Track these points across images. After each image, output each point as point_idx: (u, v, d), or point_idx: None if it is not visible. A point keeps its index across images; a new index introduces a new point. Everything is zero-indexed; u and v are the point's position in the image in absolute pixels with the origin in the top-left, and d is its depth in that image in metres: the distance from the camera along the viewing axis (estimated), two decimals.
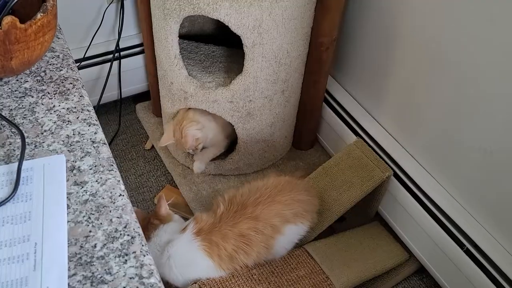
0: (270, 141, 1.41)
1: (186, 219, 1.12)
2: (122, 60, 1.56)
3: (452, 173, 1.17)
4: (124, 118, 1.71)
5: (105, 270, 0.56)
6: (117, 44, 1.50)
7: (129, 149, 1.61)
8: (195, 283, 1.02)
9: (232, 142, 1.42)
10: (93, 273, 0.55)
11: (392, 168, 1.26)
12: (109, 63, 1.51)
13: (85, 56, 1.49)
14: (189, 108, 1.31)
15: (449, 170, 1.18)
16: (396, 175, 1.26)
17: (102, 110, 1.68)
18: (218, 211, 1.05)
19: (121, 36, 1.51)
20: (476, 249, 1.10)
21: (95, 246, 0.58)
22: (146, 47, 1.47)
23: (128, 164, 1.56)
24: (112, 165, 0.68)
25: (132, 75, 1.62)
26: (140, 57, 1.59)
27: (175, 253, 1.00)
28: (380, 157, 1.28)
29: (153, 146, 1.60)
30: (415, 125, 1.23)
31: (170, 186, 1.48)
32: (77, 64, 1.50)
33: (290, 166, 1.51)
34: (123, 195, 0.65)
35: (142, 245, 0.59)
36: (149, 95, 1.63)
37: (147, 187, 1.49)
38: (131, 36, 1.57)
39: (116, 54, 1.53)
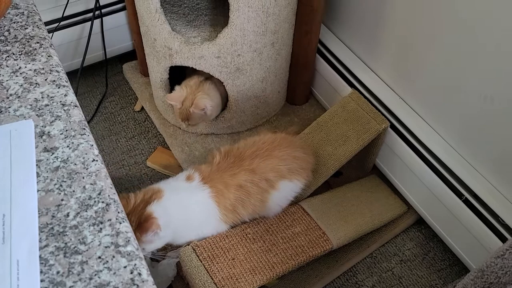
0: (262, 97, 1.36)
1: None
2: (104, 18, 1.48)
3: (450, 122, 1.12)
4: (111, 79, 1.65)
5: (78, 240, 0.53)
6: (97, 0, 1.42)
7: (118, 111, 1.56)
8: (188, 245, 1.01)
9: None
10: (66, 243, 0.52)
11: (388, 120, 1.21)
12: (90, 22, 1.44)
13: (64, 15, 1.41)
14: (206, 79, 1.28)
15: (447, 119, 1.13)
16: (393, 127, 1.22)
17: (88, 72, 1.62)
18: (214, 161, 1.03)
19: None
20: (475, 198, 1.08)
21: (67, 215, 0.55)
22: (128, 3, 1.39)
23: (118, 127, 1.52)
24: (85, 128, 0.64)
25: (116, 33, 1.55)
26: (122, 14, 1.51)
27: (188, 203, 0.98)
28: (377, 108, 1.23)
29: (142, 108, 1.55)
30: (412, 73, 1.17)
31: (162, 148, 1.44)
32: (56, 24, 1.42)
33: (285, 122, 1.47)
34: (97, 160, 0.61)
35: (118, 212, 0.56)
36: (136, 54, 1.57)
37: (139, 150, 1.46)
38: None
39: (96, 12, 1.45)
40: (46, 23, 1.42)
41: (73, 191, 0.57)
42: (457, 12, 0.98)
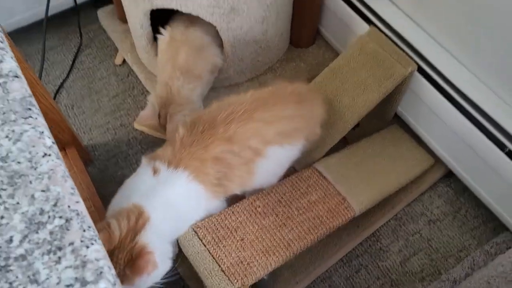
0: (263, 40, 1.15)
1: None
2: None
3: (489, 60, 0.94)
4: (86, 28, 1.42)
5: (28, 277, 0.37)
6: None
7: (97, 65, 1.36)
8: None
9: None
10: (10, 283, 0.36)
11: (415, 61, 1.02)
12: None
13: None
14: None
15: (485, 56, 0.94)
16: (420, 69, 1.03)
17: (58, 21, 1.39)
18: (177, 136, 0.83)
19: None
20: None
21: (10, 240, 0.38)
22: None
23: (98, 85, 1.32)
24: (30, 108, 0.46)
25: None
26: None
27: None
28: (400, 48, 1.04)
29: (124, 60, 1.35)
30: (441, 3, 0.97)
31: None
32: None
33: (290, 68, 1.27)
34: (50, 155, 0.43)
35: (84, 230, 0.40)
36: None
37: (125, 110, 1.28)
38: None
39: None
40: None
41: (17, 203, 0.40)
42: None
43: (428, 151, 1.14)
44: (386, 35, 1.06)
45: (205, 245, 0.83)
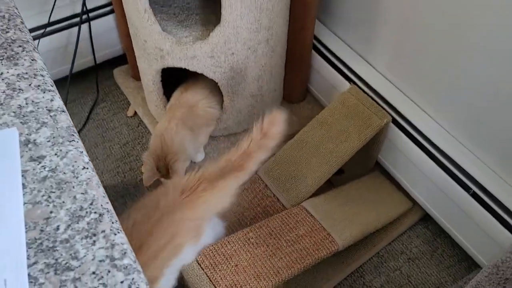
0: (258, 95, 1.32)
1: None
2: (91, 22, 1.44)
3: (454, 114, 1.09)
4: (103, 85, 1.60)
5: (70, 255, 0.48)
6: (84, 4, 1.37)
7: (111, 117, 1.52)
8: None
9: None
10: (56, 259, 0.48)
11: (390, 114, 1.17)
12: (77, 27, 1.39)
13: (50, 21, 1.37)
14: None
15: (450, 111, 1.09)
16: (394, 121, 1.18)
17: (78, 78, 1.57)
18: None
19: None
20: (483, 191, 1.04)
21: (57, 228, 0.50)
22: (115, 4, 1.35)
23: (111, 133, 1.47)
24: (73, 134, 0.60)
25: (105, 37, 1.50)
26: (111, 17, 1.47)
27: None
28: (377, 103, 1.20)
29: (135, 113, 1.51)
30: (412, 65, 1.14)
31: None
32: (43, 30, 1.38)
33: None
34: (88, 168, 0.56)
35: (112, 222, 0.52)
36: (126, 58, 1.52)
37: (134, 156, 1.41)
38: None
39: (84, 16, 1.40)
40: (32, 30, 1.37)
41: (63, 202, 0.53)
42: (455, 4, 0.95)
43: (407, 196, 1.26)
44: (364, 91, 1.22)
45: (203, 269, 0.93)
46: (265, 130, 0.94)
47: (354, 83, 1.26)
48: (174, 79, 1.31)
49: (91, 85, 1.59)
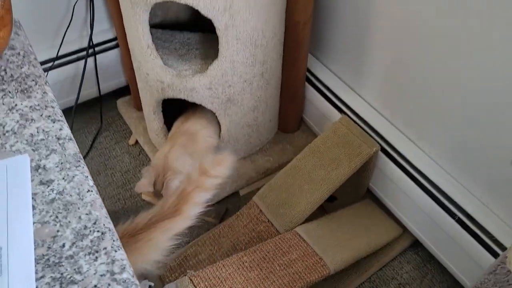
0: (254, 125, 1.38)
1: None
2: (97, 56, 1.52)
3: (439, 143, 1.15)
4: (106, 115, 1.67)
5: (74, 269, 0.53)
6: (90, 39, 1.46)
7: (113, 146, 1.58)
8: (185, 275, 1.00)
9: None
10: (62, 273, 0.53)
11: (379, 143, 1.23)
12: (84, 60, 1.47)
13: (58, 54, 1.45)
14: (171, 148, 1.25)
15: (436, 140, 1.15)
16: (383, 150, 1.24)
17: (83, 108, 1.65)
18: None
19: (94, 31, 1.47)
20: (468, 217, 1.09)
21: (63, 245, 0.56)
22: (120, 40, 1.43)
23: (113, 161, 1.53)
24: (79, 160, 0.66)
25: (110, 70, 1.59)
26: (115, 51, 1.55)
27: None
28: (366, 132, 1.26)
29: (137, 141, 1.57)
30: (400, 97, 1.21)
31: None
32: (51, 63, 1.46)
33: (278, 150, 1.49)
34: (92, 191, 0.62)
35: (113, 240, 0.57)
36: (129, 90, 1.60)
37: (134, 183, 1.47)
38: (104, 30, 1.53)
39: (90, 50, 1.49)
40: (42, 62, 1.45)
41: (69, 221, 0.58)
42: (442, 33, 1.02)
43: (397, 222, 1.30)
44: (355, 121, 1.28)
45: None
46: (206, 169, 0.86)
47: (345, 113, 1.32)
48: (174, 109, 1.38)
49: (95, 115, 1.66)
